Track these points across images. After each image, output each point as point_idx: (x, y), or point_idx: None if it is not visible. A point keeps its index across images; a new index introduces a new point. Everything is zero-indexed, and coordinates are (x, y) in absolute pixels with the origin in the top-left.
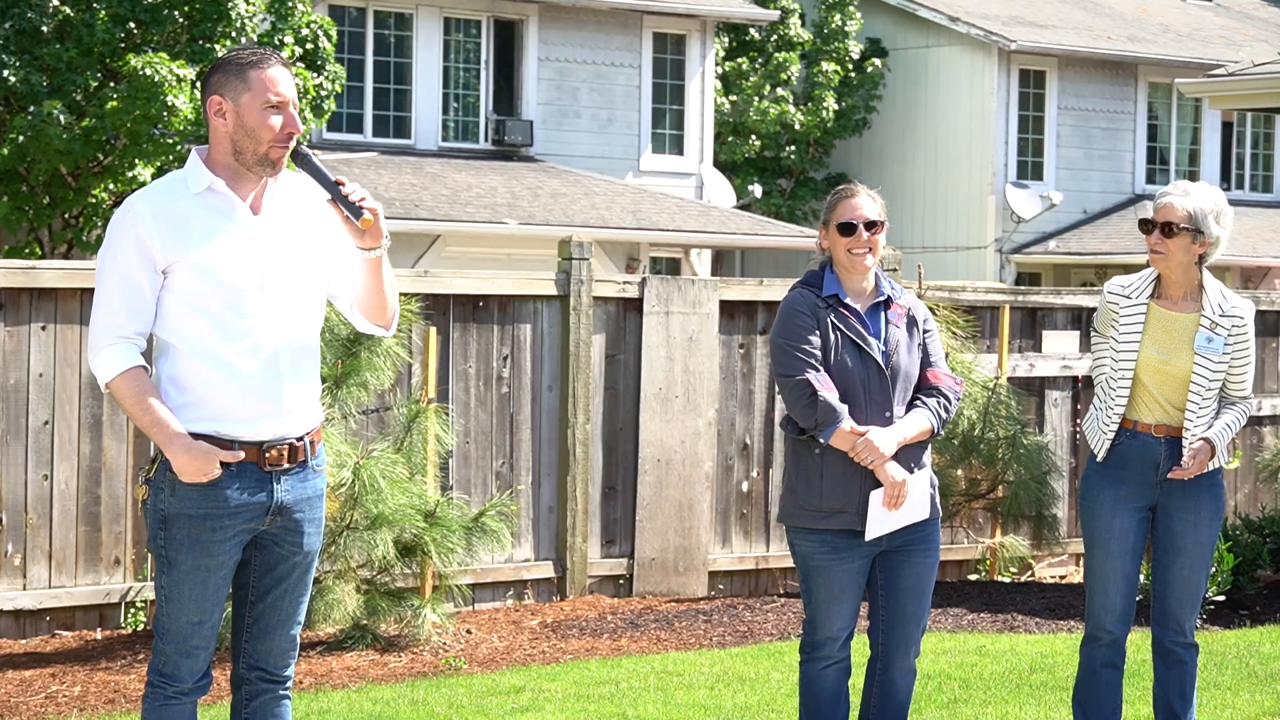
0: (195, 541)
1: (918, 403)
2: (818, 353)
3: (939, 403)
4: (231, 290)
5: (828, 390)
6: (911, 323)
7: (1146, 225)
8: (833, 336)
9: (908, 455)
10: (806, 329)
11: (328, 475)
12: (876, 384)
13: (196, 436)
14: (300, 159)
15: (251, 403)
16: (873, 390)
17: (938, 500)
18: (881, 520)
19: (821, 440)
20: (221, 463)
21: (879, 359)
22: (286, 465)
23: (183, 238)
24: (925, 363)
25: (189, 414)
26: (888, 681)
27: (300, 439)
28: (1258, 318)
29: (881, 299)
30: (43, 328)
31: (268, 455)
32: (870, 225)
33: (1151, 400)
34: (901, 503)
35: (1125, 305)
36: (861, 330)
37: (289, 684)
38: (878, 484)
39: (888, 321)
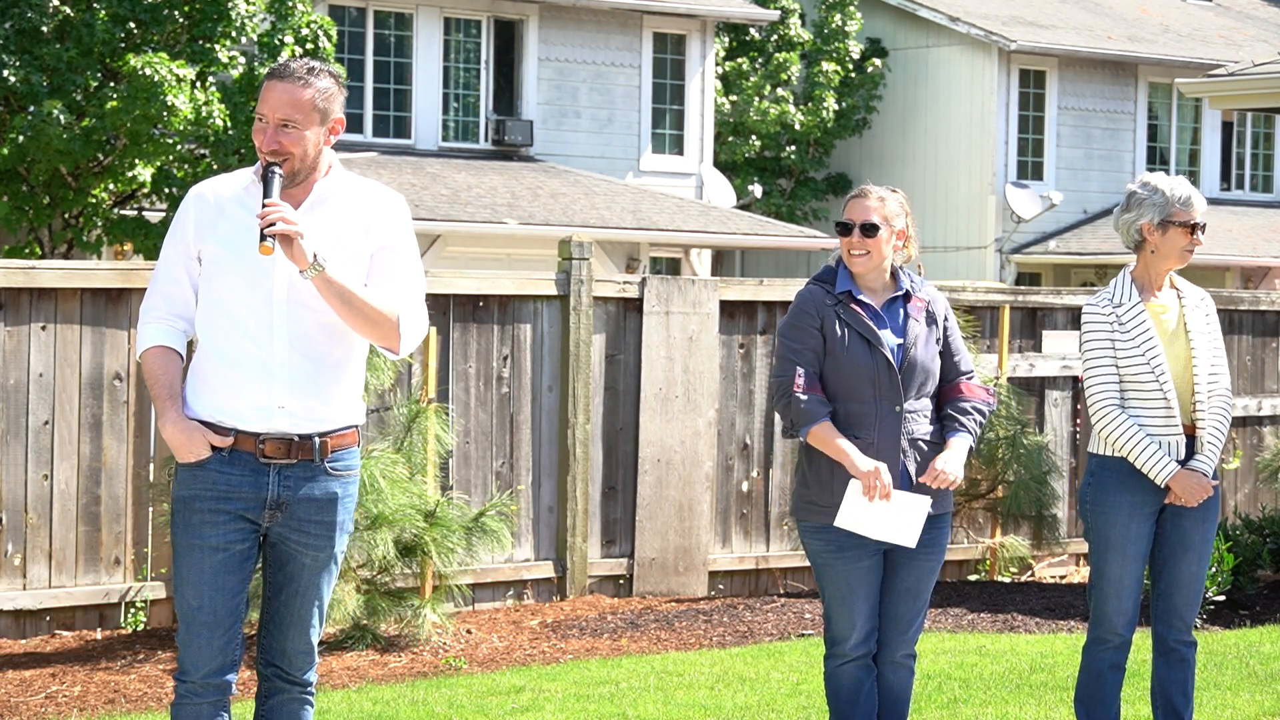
0: (187, 523)
1: (956, 425)
2: (811, 354)
3: (974, 421)
4: (242, 283)
5: (806, 391)
6: (931, 317)
7: (1193, 228)
8: (839, 332)
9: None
10: (804, 330)
11: None
12: (886, 379)
13: (203, 423)
14: (264, 174)
15: (246, 397)
16: (882, 385)
17: (950, 502)
18: (857, 513)
19: (801, 438)
20: (213, 447)
21: (889, 354)
22: (287, 461)
23: (212, 227)
24: (953, 365)
25: (196, 400)
26: (882, 679)
27: (306, 437)
28: (1258, 317)
29: (900, 293)
30: (43, 328)
31: (263, 447)
32: (867, 228)
33: None
34: (882, 497)
35: (1124, 312)
36: (871, 326)
37: (310, 689)
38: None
39: (907, 315)
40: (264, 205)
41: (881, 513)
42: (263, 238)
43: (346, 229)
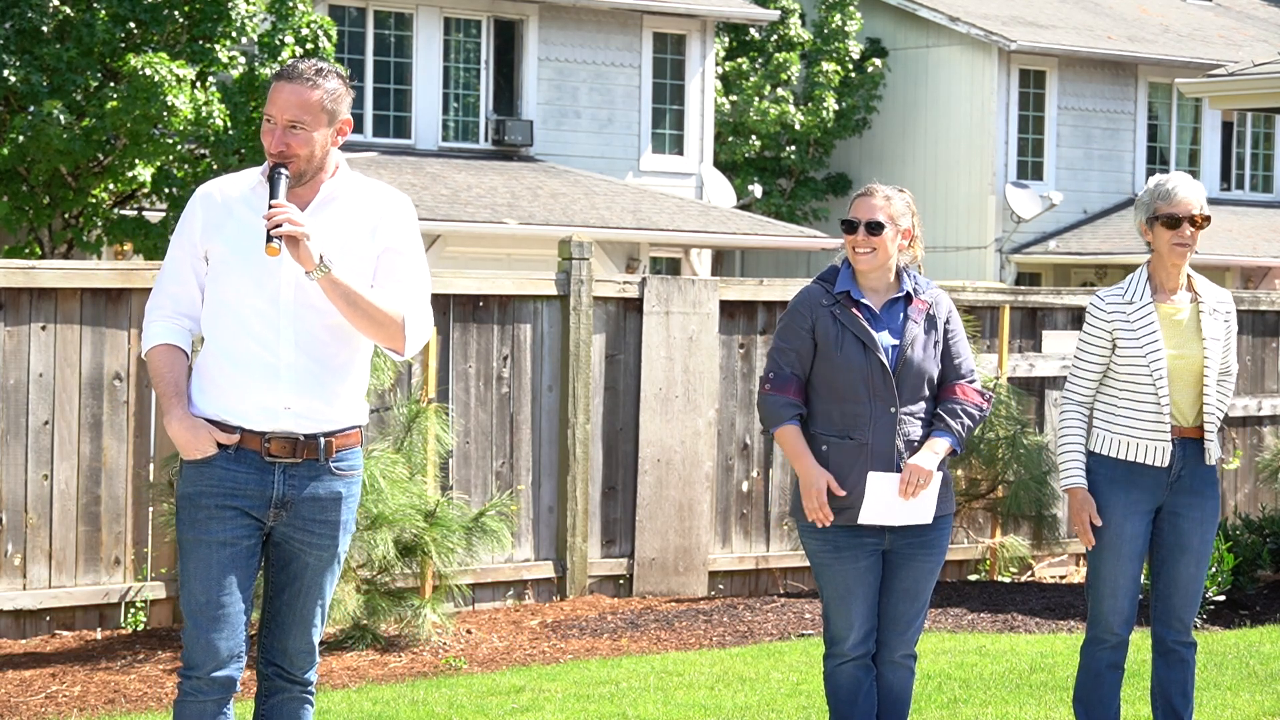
0: (193, 520)
1: (940, 425)
2: (794, 355)
3: (962, 425)
4: (248, 284)
5: (775, 392)
6: (932, 320)
7: (1174, 221)
8: (834, 332)
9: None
10: (793, 331)
11: None
12: (880, 381)
13: (208, 421)
14: (271, 175)
15: (251, 397)
16: (876, 387)
17: (951, 503)
18: (877, 507)
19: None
20: (220, 444)
21: (883, 356)
22: (292, 459)
23: (218, 227)
24: (952, 367)
25: (202, 399)
26: (881, 679)
27: (311, 437)
28: (1258, 317)
29: (901, 294)
30: (43, 328)
31: (269, 445)
32: (872, 226)
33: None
34: (823, 521)
35: (1132, 311)
36: (866, 326)
37: (310, 688)
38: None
39: (907, 317)
40: (270, 206)
41: (897, 500)
42: (269, 239)
43: (353, 230)
